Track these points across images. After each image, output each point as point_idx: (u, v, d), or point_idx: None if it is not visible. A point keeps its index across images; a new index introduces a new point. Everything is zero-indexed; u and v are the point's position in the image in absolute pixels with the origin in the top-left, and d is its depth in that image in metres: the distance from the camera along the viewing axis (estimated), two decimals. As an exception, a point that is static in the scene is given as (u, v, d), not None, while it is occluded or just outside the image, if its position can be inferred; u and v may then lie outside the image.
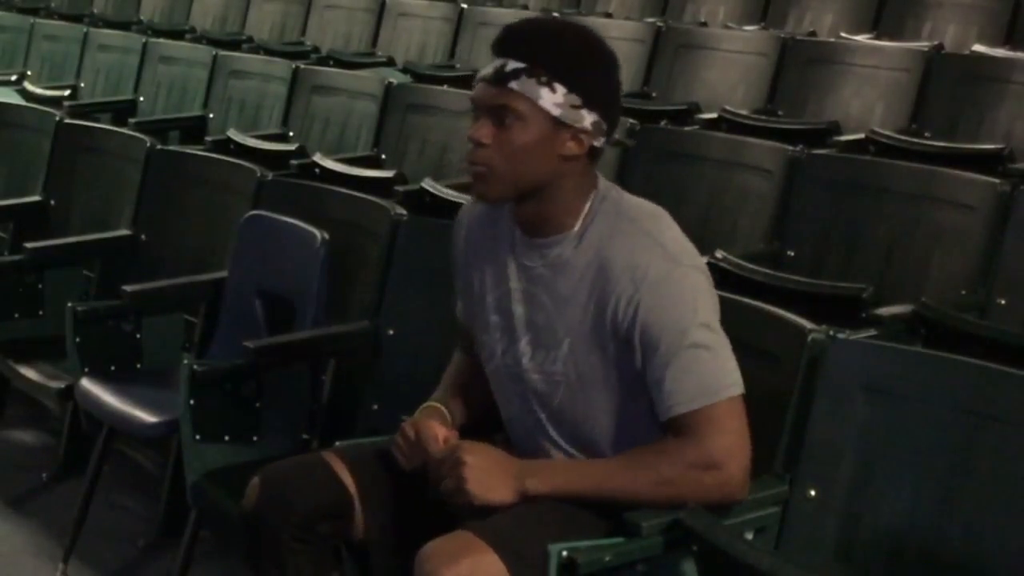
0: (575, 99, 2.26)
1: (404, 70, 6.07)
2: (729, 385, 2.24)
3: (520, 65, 2.26)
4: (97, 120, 5.45)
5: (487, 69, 2.30)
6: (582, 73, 2.28)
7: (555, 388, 2.36)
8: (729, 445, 2.23)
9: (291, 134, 5.31)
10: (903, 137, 4.46)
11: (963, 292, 3.41)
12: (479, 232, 2.48)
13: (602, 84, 2.33)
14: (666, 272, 2.24)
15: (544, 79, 2.25)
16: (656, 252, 2.26)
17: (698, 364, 2.23)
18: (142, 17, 8.17)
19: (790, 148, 3.93)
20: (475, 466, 2.25)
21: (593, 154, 2.33)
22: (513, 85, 2.25)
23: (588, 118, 2.28)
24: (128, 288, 3.53)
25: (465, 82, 5.68)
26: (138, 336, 3.63)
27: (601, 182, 2.38)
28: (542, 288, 2.35)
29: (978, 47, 5.52)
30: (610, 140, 2.36)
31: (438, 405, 2.49)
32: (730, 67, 5.51)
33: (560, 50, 2.28)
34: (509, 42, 2.30)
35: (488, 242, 2.45)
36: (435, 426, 2.39)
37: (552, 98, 2.25)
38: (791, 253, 3.73)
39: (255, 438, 3.11)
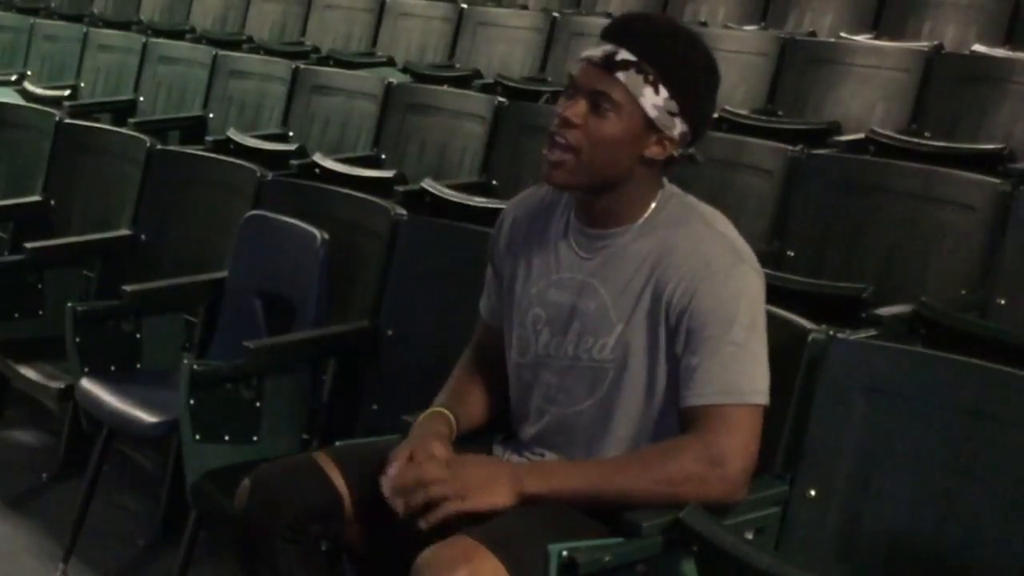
0: (674, 105, 2.27)
1: (404, 70, 6.07)
2: (756, 392, 2.25)
3: (631, 57, 2.24)
4: (97, 120, 5.45)
5: (596, 51, 2.28)
6: (689, 82, 2.28)
7: (599, 375, 2.34)
8: (737, 446, 2.23)
9: (291, 134, 5.31)
10: (903, 137, 4.45)
11: (963, 292, 3.41)
12: (527, 224, 2.47)
13: (702, 98, 2.33)
14: (730, 265, 2.26)
15: (651, 78, 2.24)
16: (723, 245, 2.29)
17: (734, 363, 2.23)
18: (142, 17, 8.17)
19: (790, 148, 3.93)
20: (471, 475, 2.25)
21: (670, 161, 2.33)
22: (620, 75, 2.24)
23: (679, 127, 2.29)
24: (128, 288, 3.53)
25: (465, 82, 5.69)
26: (138, 336, 3.63)
27: (667, 183, 2.39)
28: (598, 276, 2.34)
29: (978, 47, 5.52)
30: (687, 152, 2.35)
31: (444, 411, 2.47)
32: (730, 67, 5.48)
33: (674, 54, 2.27)
34: (625, 32, 2.29)
35: (536, 234, 2.44)
36: (435, 447, 2.34)
37: (653, 99, 2.25)
38: (791, 253, 3.73)
39: (255, 438, 3.11)
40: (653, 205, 2.35)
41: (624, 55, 2.25)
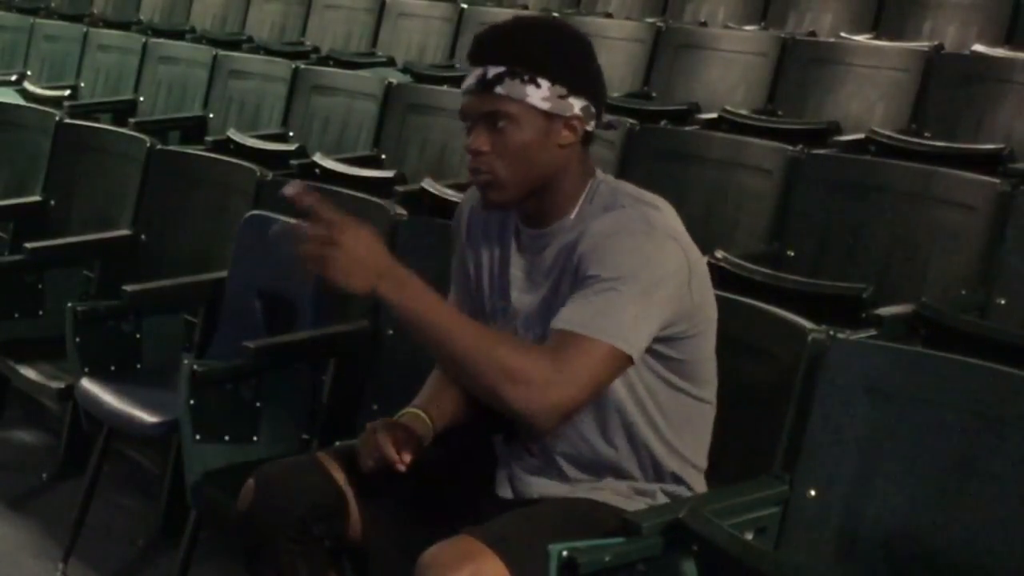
0: (560, 89, 2.30)
1: (404, 70, 6.07)
2: (620, 337, 2.20)
3: (500, 69, 2.29)
4: (97, 120, 5.45)
5: (469, 80, 2.33)
6: (561, 63, 2.31)
7: None
8: (576, 375, 2.18)
9: (291, 134, 5.31)
10: (903, 137, 4.46)
11: (963, 292, 3.41)
12: (483, 219, 2.49)
13: (582, 69, 2.36)
14: (638, 231, 2.25)
15: (527, 77, 2.28)
16: (636, 217, 2.28)
17: (607, 305, 2.20)
18: (142, 17, 8.17)
19: (790, 148, 3.93)
20: (345, 249, 2.17)
21: (587, 139, 2.36)
22: (499, 90, 2.28)
23: (577, 104, 2.31)
24: (128, 288, 3.53)
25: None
26: (138, 336, 3.63)
27: (599, 172, 2.41)
28: (542, 275, 2.37)
29: (978, 47, 5.52)
30: (600, 123, 2.39)
31: (418, 412, 2.47)
32: (730, 67, 5.51)
33: (536, 45, 2.32)
34: (484, 49, 2.34)
35: (492, 230, 2.47)
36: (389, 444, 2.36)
37: (539, 93, 2.28)
38: (791, 253, 3.73)
39: (255, 438, 3.11)
40: (584, 192, 2.37)
41: (493, 70, 2.29)
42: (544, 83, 2.29)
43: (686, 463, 2.39)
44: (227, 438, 3.06)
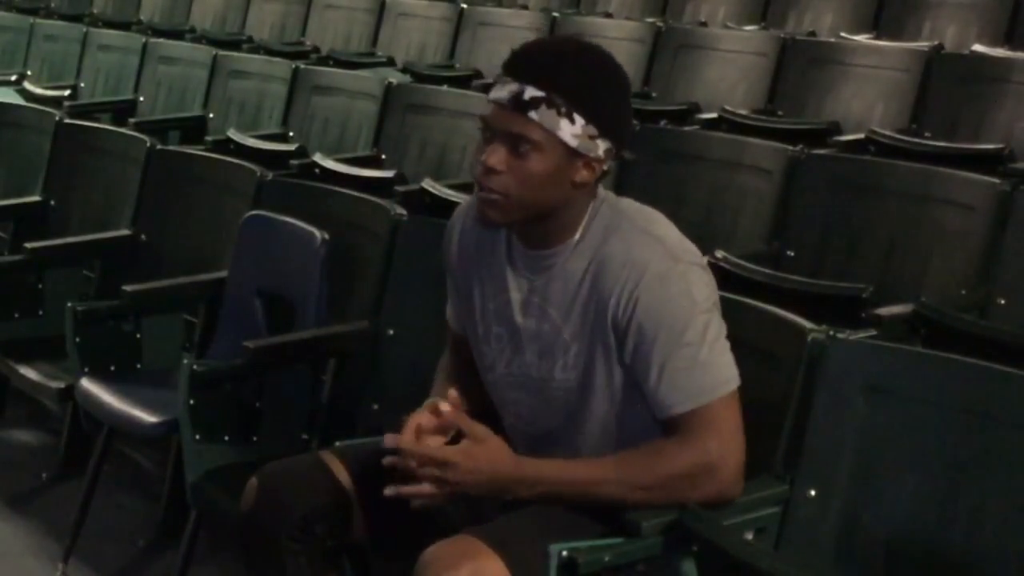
0: (592, 130, 2.24)
1: (404, 70, 6.07)
2: (724, 381, 2.24)
3: (539, 94, 2.21)
4: (97, 120, 5.45)
5: (502, 92, 2.25)
6: (600, 103, 2.26)
7: (564, 395, 2.35)
8: (724, 445, 2.23)
9: (291, 134, 5.31)
10: (903, 137, 4.46)
11: (963, 292, 3.41)
12: (474, 239, 2.46)
13: (618, 113, 2.31)
14: (665, 269, 2.24)
15: (564, 110, 2.21)
16: (655, 249, 2.26)
17: (694, 363, 2.22)
18: (142, 17, 8.17)
19: (790, 148, 3.93)
20: (465, 483, 2.24)
21: (602, 175, 2.32)
22: (532, 115, 2.21)
23: (602, 146, 2.26)
24: (128, 288, 3.53)
25: (465, 82, 5.70)
26: (138, 336, 3.63)
27: (600, 189, 2.37)
28: (545, 298, 2.34)
29: (978, 47, 5.52)
30: (617, 160, 2.35)
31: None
32: (730, 67, 5.51)
33: (580, 79, 2.24)
34: (527, 67, 2.25)
35: (485, 250, 2.44)
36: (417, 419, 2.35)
37: (571, 129, 2.22)
38: (791, 253, 3.73)
39: (255, 438, 3.11)
40: (586, 216, 2.33)
41: (531, 92, 2.21)
42: (579, 120, 2.22)
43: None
44: (227, 438, 3.06)
